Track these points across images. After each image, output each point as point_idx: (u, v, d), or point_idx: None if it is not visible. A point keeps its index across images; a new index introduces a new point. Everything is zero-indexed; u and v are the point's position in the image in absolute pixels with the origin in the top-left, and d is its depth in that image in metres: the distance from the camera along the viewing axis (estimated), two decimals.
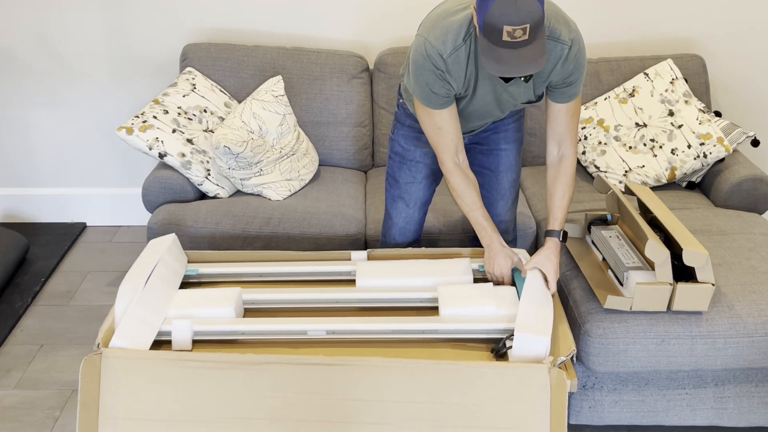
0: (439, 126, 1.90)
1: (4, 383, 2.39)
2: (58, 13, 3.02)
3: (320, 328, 1.77)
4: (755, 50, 3.11)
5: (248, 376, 1.62)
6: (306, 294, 1.91)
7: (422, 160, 2.18)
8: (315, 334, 1.78)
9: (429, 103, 1.86)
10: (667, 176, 2.73)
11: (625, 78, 2.91)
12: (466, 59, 1.78)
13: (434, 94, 1.83)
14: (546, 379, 1.60)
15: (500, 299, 1.84)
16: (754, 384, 2.05)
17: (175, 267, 1.96)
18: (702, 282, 1.86)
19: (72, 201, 3.37)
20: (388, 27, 3.07)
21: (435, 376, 1.61)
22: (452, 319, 1.79)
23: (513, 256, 1.96)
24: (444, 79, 1.80)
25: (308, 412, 1.62)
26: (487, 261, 1.98)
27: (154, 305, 1.78)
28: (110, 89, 3.17)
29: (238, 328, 1.78)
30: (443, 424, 1.60)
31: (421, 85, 1.83)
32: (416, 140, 2.15)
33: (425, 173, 2.20)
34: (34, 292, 2.87)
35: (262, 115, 2.65)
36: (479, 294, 1.85)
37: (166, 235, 2.06)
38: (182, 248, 2.18)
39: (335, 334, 1.78)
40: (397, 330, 1.78)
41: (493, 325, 1.77)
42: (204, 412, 1.61)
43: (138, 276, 1.83)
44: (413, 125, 2.14)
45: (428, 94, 1.84)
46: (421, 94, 1.86)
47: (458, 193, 1.97)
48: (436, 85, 1.81)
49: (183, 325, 1.75)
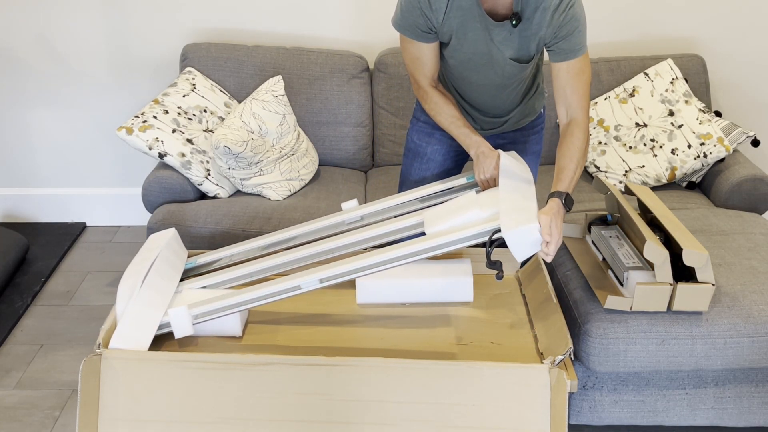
0: (417, 56, 1.92)
1: (4, 383, 2.39)
2: (58, 13, 3.02)
3: (313, 278, 1.75)
4: (755, 50, 3.11)
5: (248, 376, 1.62)
6: (297, 253, 1.90)
7: (433, 158, 2.17)
8: (308, 285, 1.76)
9: (405, 31, 1.88)
10: (667, 176, 2.73)
11: (625, 78, 2.91)
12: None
13: (412, 25, 1.85)
14: (546, 378, 1.60)
15: (484, 202, 1.76)
16: (754, 384, 2.05)
17: (174, 262, 1.95)
18: (702, 282, 1.86)
19: (72, 201, 3.37)
20: (388, 27, 3.06)
21: (435, 376, 1.61)
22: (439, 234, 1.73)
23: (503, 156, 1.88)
24: (422, 11, 1.81)
25: (309, 413, 1.62)
26: (477, 166, 1.90)
27: (153, 303, 1.77)
28: (110, 89, 3.17)
29: (233, 301, 1.75)
30: (443, 425, 1.60)
31: (403, 11, 1.85)
32: (428, 136, 2.15)
33: (437, 172, 2.19)
34: (34, 292, 2.87)
35: (262, 115, 2.65)
36: (462, 204, 1.79)
37: (166, 230, 2.05)
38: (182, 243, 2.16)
39: (328, 280, 1.76)
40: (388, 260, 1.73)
41: (481, 228, 1.70)
42: (204, 413, 1.61)
43: (136, 273, 1.82)
44: (428, 121, 2.13)
45: (406, 21, 1.85)
46: (400, 21, 1.88)
47: (437, 110, 1.96)
48: (414, 14, 1.83)
49: (180, 312, 1.73)
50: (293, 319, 1.91)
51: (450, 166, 2.21)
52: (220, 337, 1.83)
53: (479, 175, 1.90)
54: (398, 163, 3.01)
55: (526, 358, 1.77)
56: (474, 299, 1.97)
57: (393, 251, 1.73)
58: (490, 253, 1.69)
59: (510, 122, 2.11)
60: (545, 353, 1.75)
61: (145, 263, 1.85)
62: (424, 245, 1.72)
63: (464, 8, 1.80)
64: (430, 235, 1.74)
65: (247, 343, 1.82)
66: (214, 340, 1.82)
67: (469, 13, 1.81)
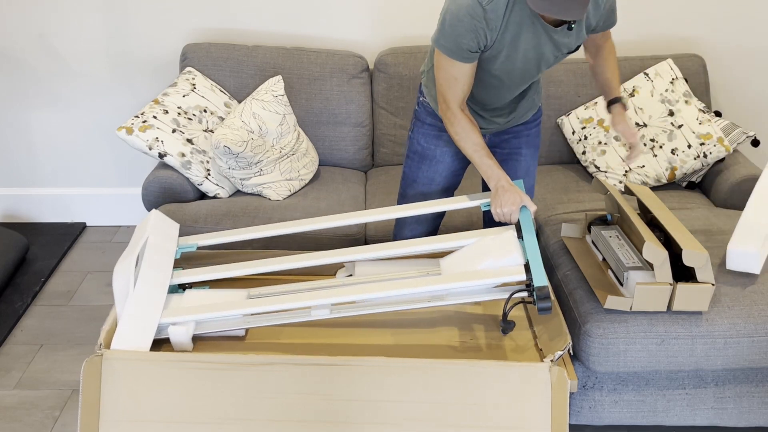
0: (456, 77, 1.89)
1: (4, 383, 2.39)
2: (58, 13, 3.02)
3: (324, 302, 1.75)
4: (755, 50, 3.11)
5: (249, 376, 1.62)
6: (307, 284, 1.92)
7: (442, 159, 2.17)
8: (319, 310, 1.77)
9: (450, 53, 1.84)
10: (667, 176, 2.73)
11: (625, 78, 2.91)
12: (506, 6, 1.76)
13: (459, 47, 1.81)
14: (546, 376, 1.60)
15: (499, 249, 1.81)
16: (754, 384, 2.05)
17: (164, 246, 1.92)
18: (702, 282, 1.86)
19: (72, 201, 3.37)
20: (388, 27, 3.07)
21: (436, 375, 1.61)
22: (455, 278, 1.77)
23: (522, 194, 1.92)
24: (476, 31, 1.78)
25: (309, 413, 1.62)
26: (494, 199, 1.93)
27: (151, 301, 1.76)
28: (110, 89, 3.17)
29: (243, 311, 1.76)
30: (444, 424, 1.60)
31: (449, 34, 1.81)
32: (437, 138, 2.15)
33: (445, 174, 2.19)
34: (34, 292, 2.87)
35: (262, 115, 2.65)
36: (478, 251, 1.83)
37: (149, 214, 2.02)
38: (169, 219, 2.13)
39: (339, 307, 1.78)
40: (400, 296, 1.76)
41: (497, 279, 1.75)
42: (205, 413, 1.61)
43: (127, 269, 1.79)
44: (434, 123, 2.13)
45: (454, 44, 1.81)
46: (445, 43, 1.83)
47: (462, 135, 1.95)
48: (467, 37, 1.79)
49: (179, 330, 1.74)
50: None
51: (458, 167, 2.21)
52: (223, 337, 1.83)
53: (495, 208, 1.93)
54: (398, 163, 3.01)
55: (526, 355, 1.77)
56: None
57: (406, 288, 1.76)
58: (507, 313, 1.73)
59: (516, 117, 2.13)
60: (545, 350, 1.75)
61: (132, 257, 1.82)
62: (439, 287, 1.76)
63: (518, 22, 1.80)
64: (446, 278, 1.78)
65: (249, 343, 1.82)
66: (217, 340, 1.82)
67: (523, 25, 1.81)
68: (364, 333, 1.86)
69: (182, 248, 2.01)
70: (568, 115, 2.92)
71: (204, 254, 2.12)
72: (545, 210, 2.62)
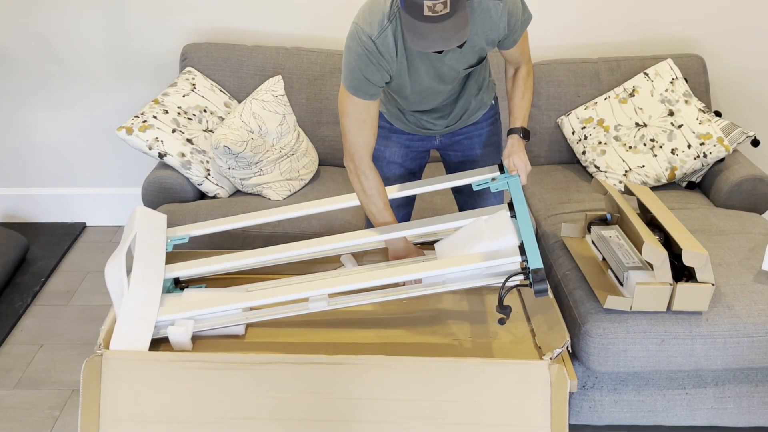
0: (364, 118, 1.86)
1: (4, 383, 2.39)
2: (58, 13, 3.02)
3: (321, 292, 1.76)
4: (755, 50, 3.11)
5: (249, 376, 1.62)
6: (304, 278, 1.92)
7: (394, 160, 2.17)
8: (317, 302, 1.77)
9: (359, 92, 1.81)
10: (667, 176, 2.73)
11: (625, 78, 2.92)
12: (394, 39, 1.76)
13: (368, 82, 1.79)
14: (546, 374, 1.60)
15: (493, 231, 1.80)
16: (754, 384, 2.05)
17: (154, 240, 1.91)
18: (702, 282, 1.86)
19: (72, 201, 3.37)
20: None
21: (435, 373, 1.62)
22: (449, 263, 1.78)
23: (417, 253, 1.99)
24: (378, 64, 1.78)
25: (310, 412, 1.62)
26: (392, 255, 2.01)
27: (146, 299, 1.76)
28: (110, 89, 3.17)
29: (241, 305, 1.77)
30: (444, 422, 1.60)
31: (355, 72, 1.79)
32: (386, 140, 2.15)
33: (398, 173, 2.19)
34: (34, 292, 2.87)
35: (262, 115, 2.65)
36: (471, 234, 1.82)
37: (133, 210, 2.02)
38: (155, 210, 2.11)
39: (337, 298, 1.78)
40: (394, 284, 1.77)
41: (494, 263, 1.75)
42: (205, 413, 1.62)
43: (118, 268, 1.79)
44: (383, 125, 2.13)
45: (361, 81, 1.79)
46: (352, 82, 1.81)
47: (370, 196, 1.93)
48: (370, 70, 1.78)
49: (178, 331, 1.74)
50: (294, 318, 1.91)
51: (412, 167, 2.21)
52: (222, 336, 1.83)
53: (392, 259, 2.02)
54: None
55: (525, 353, 1.77)
56: (471, 297, 1.98)
57: (401, 273, 1.76)
58: (503, 298, 1.73)
59: (463, 119, 2.12)
60: (543, 348, 1.75)
61: (121, 255, 1.82)
62: (435, 272, 1.76)
63: (407, 53, 1.80)
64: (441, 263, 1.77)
65: (248, 342, 1.82)
66: (216, 339, 1.82)
67: (413, 53, 1.81)
68: (364, 331, 1.86)
69: (175, 240, 2.00)
70: (568, 115, 2.92)
71: (199, 254, 2.12)
72: (545, 210, 2.62)
